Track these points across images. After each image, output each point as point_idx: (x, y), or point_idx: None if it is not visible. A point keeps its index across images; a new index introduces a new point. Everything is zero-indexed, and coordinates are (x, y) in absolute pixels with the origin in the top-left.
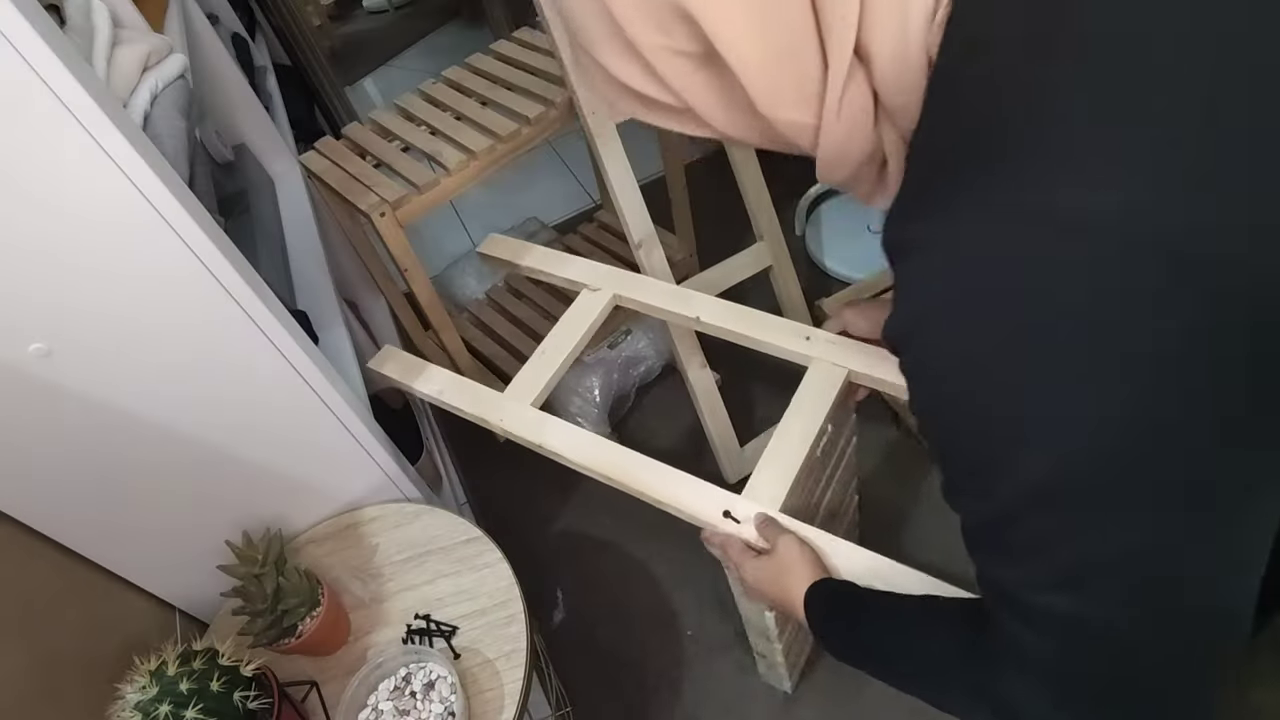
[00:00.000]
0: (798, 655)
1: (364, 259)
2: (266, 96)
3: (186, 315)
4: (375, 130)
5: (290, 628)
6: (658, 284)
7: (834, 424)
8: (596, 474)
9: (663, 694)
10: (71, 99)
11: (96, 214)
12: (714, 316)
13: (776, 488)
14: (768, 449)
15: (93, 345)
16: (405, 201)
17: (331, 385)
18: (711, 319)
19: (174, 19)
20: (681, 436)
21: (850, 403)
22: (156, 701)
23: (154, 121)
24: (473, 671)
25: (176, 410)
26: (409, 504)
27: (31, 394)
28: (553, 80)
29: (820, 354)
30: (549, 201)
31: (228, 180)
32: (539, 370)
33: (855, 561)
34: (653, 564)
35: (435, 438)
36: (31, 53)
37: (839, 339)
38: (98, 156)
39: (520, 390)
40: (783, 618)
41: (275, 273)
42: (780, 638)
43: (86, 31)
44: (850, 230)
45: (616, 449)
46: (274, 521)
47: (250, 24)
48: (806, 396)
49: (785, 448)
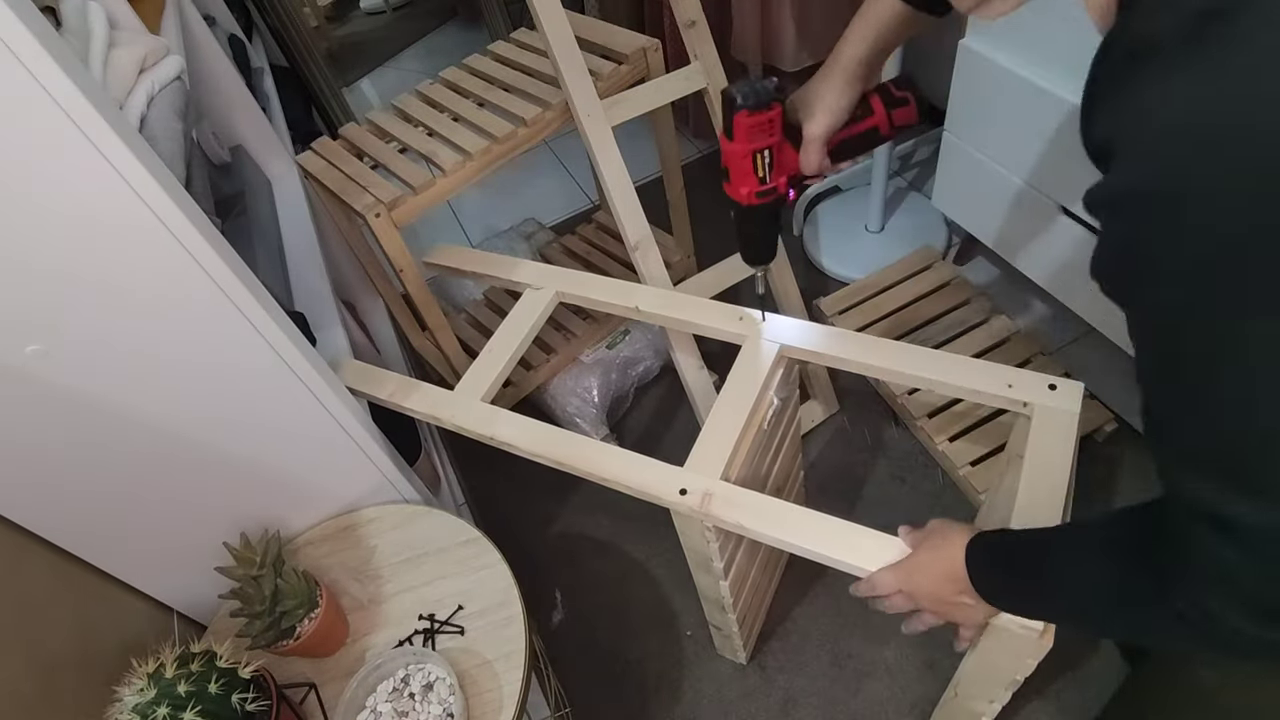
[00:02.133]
0: (750, 627)
1: (361, 260)
2: (263, 98)
3: (183, 317)
4: (372, 131)
5: (288, 629)
6: (597, 279)
7: (779, 397)
8: (550, 461)
9: (662, 694)
10: (67, 101)
11: (93, 216)
12: (651, 305)
13: (717, 458)
14: (706, 423)
15: (89, 347)
16: (401, 202)
17: (329, 386)
18: (649, 307)
19: (170, 20)
20: (679, 436)
21: (793, 377)
22: (154, 704)
23: (150, 123)
24: (471, 673)
25: (173, 412)
26: (407, 505)
27: (28, 396)
28: (549, 81)
29: (751, 332)
30: (547, 202)
31: (225, 182)
32: (487, 367)
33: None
34: (652, 564)
35: (433, 439)
36: (27, 55)
37: (772, 316)
38: (94, 159)
39: (469, 387)
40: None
41: (272, 274)
42: (734, 607)
43: (82, 33)
44: (848, 230)
45: (568, 436)
46: (272, 523)
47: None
48: (741, 371)
49: (722, 420)
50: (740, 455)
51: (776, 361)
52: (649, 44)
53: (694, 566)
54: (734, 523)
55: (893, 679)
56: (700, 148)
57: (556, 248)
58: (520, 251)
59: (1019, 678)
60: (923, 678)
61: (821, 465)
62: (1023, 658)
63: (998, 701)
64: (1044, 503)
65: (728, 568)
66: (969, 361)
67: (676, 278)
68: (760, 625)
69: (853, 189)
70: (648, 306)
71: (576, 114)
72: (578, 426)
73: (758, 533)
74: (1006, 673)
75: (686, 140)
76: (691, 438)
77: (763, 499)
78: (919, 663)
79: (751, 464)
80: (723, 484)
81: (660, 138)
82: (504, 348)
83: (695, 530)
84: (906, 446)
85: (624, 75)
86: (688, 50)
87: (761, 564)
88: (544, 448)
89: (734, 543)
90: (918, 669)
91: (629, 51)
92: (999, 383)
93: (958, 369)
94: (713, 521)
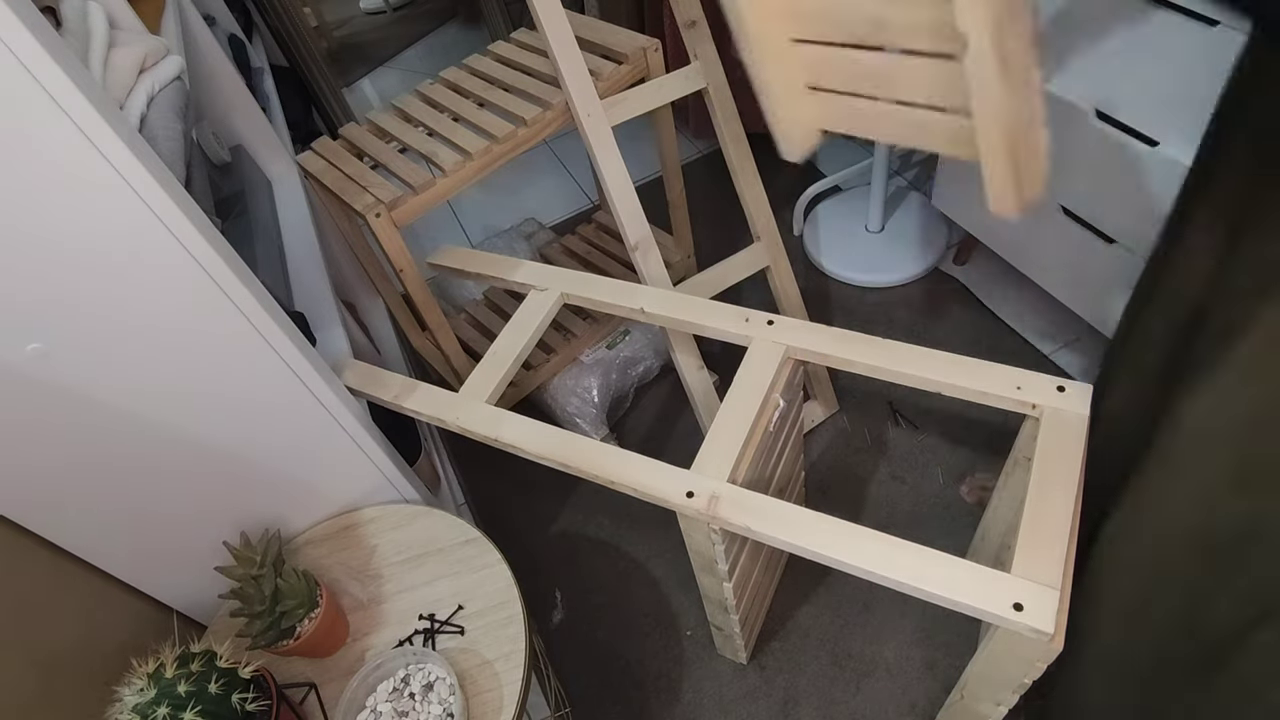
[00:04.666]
0: (752, 627)
1: (361, 260)
2: (264, 98)
3: (183, 317)
4: (372, 131)
5: (288, 629)
6: (602, 280)
7: (785, 399)
8: (556, 463)
9: (662, 694)
10: (67, 101)
11: (93, 216)
12: (656, 306)
13: (723, 461)
14: (712, 425)
15: (90, 347)
16: (401, 202)
17: (329, 386)
18: (654, 309)
19: (170, 20)
20: (680, 437)
21: (797, 378)
22: (154, 704)
23: (150, 123)
24: (471, 673)
25: (173, 412)
26: (407, 505)
27: (28, 395)
28: (550, 81)
29: (758, 334)
30: (547, 202)
31: (225, 182)
32: (492, 369)
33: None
34: (652, 564)
35: (433, 438)
36: (27, 55)
37: (777, 318)
38: (94, 159)
39: (474, 389)
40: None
41: (272, 274)
42: (737, 609)
43: (82, 34)
44: (848, 230)
45: (573, 439)
46: (272, 523)
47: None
48: (747, 373)
49: (728, 422)
50: (746, 458)
51: (783, 363)
52: (649, 44)
53: (698, 569)
54: (741, 525)
55: (893, 679)
56: (700, 148)
57: (556, 248)
58: (520, 251)
59: (1027, 681)
60: (923, 678)
61: (822, 465)
62: (1032, 661)
63: (1004, 705)
64: (1054, 508)
65: (732, 569)
66: (976, 364)
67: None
68: (761, 625)
69: (853, 189)
70: (652, 308)
71: (576, 114)
72: (577, 426)
73: (765, 535)
74: (1015, 676)
75: (686, 140)
76: (691, 437)
77: (769, 501)
78: (919, 663)
79: (757, 466)
80: (729, 486)
81: (660, 138)
82: (509, 349)
83: (701, 533)
84: (906, 446)
85: (624, 75)
86: (688, 50)
87: (764, 565)
88: (550, 450)
89: (738, 544)
90: (918, 669)
91: (629, 51)
92: (1008, 385)
93: (965, 371)
94: (720, 524)
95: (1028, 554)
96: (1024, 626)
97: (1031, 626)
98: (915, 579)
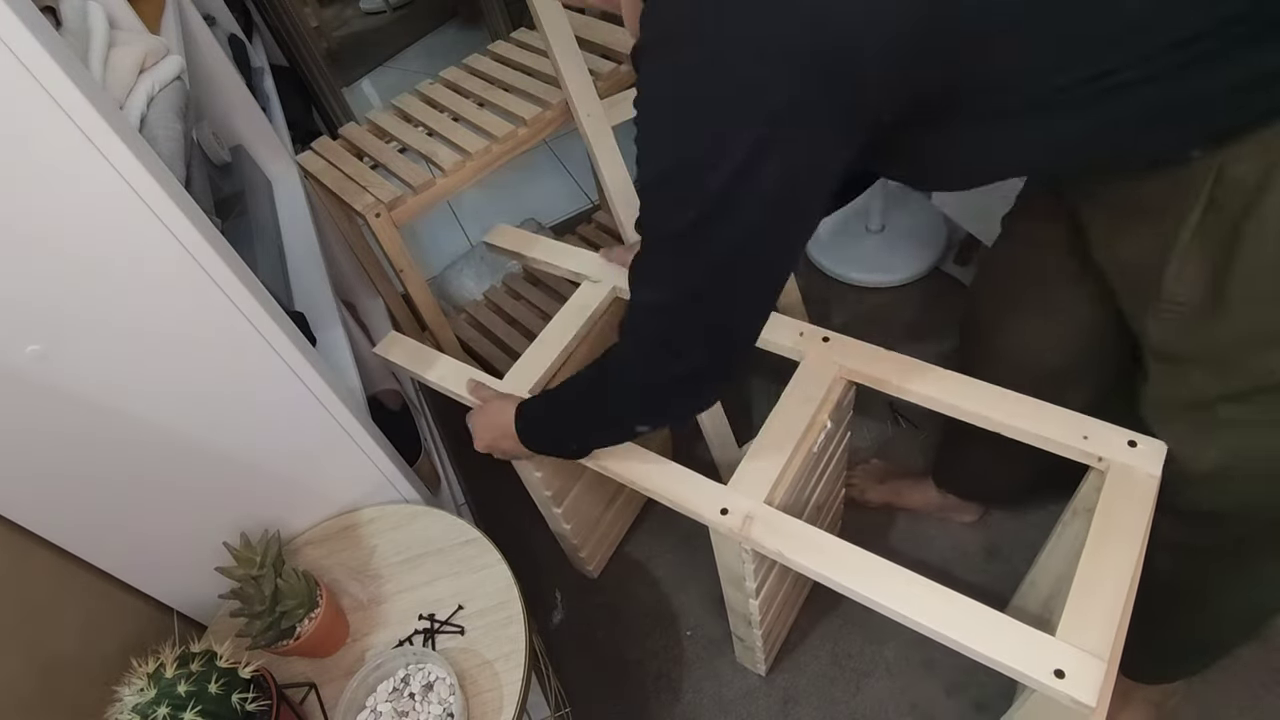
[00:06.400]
0: (775, 641)
1: (361, 260)
2: (263, 97)
3: (183, 317)
4: (372, 131)
5: (288, 629)
6: None
7: (833, 420)
8: (593, 464)
9: (662, 694)
10: (67, 101)
11: (93, 216)
12: None
13: (763, 480)
14: (755, 442)
15: (89, 347)
16: (401, 202)
17: (329, 387)
18: None
19: (170, 20)
20: (684, 436)
21: (847, 401)
22: (154, 704)
23: (150, 123)
24: (471, 673)
25: (173, 412)
26: (407, 505)
27: (28, 396)
28: (550, 81)
29: (812, 350)
30: (547, 202)
31: (225, 181)
32: (537, 359)
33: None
34: (652, 564)
35: (433, 438)
36: (27, 55)
37: (833, 335)
38: (94, 159)
39: (517, 379)
40: (765, 605)
41: (272, 274)
42: (761, 624)
43: (82, 33)
44: (848, 230)
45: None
46: (272, 523)
47: (247, 25)
48: (796, 391)
49: (772, 439)
50: (786, 479)
51: (834, 383)
52: None
53: (725, 581)
54: (773, 550)
55: (893, 679)
56: None
57: None
58: None
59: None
60: (923, 678)
61: None
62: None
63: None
64: (1111, 571)
65: (760, 587)
66: (1041, 406)
67: None
68: (784, 638)
69: None
70: None
71: (576, 114)
72: None
73: (796, 563)
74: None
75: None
76: (690, 436)
77: (804, 528)
78: (919, 663)
79: (796, 488)
80: (765, 508)
81: None
82: (557, 340)
83: (732, 550)
84: (907, 446)
85: (624, 75)
86: None
87: (793, 581)
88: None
89: (768, 564)
90: (918, 669)
91: (629, 51)
92: (1074, 433)
93: (1029, 413)
94: (751, 545)
95: (1076, 617)
96: (1064, 695)
97: (1073, 697)
98: (954, 630)
